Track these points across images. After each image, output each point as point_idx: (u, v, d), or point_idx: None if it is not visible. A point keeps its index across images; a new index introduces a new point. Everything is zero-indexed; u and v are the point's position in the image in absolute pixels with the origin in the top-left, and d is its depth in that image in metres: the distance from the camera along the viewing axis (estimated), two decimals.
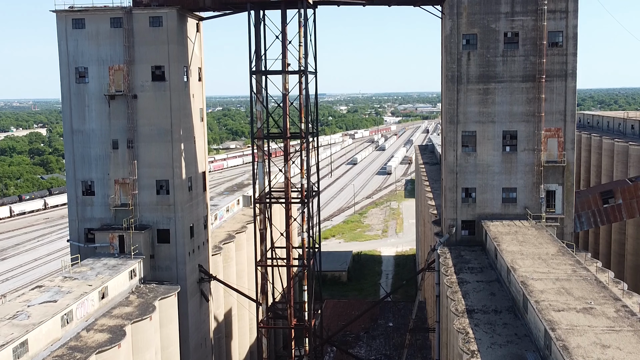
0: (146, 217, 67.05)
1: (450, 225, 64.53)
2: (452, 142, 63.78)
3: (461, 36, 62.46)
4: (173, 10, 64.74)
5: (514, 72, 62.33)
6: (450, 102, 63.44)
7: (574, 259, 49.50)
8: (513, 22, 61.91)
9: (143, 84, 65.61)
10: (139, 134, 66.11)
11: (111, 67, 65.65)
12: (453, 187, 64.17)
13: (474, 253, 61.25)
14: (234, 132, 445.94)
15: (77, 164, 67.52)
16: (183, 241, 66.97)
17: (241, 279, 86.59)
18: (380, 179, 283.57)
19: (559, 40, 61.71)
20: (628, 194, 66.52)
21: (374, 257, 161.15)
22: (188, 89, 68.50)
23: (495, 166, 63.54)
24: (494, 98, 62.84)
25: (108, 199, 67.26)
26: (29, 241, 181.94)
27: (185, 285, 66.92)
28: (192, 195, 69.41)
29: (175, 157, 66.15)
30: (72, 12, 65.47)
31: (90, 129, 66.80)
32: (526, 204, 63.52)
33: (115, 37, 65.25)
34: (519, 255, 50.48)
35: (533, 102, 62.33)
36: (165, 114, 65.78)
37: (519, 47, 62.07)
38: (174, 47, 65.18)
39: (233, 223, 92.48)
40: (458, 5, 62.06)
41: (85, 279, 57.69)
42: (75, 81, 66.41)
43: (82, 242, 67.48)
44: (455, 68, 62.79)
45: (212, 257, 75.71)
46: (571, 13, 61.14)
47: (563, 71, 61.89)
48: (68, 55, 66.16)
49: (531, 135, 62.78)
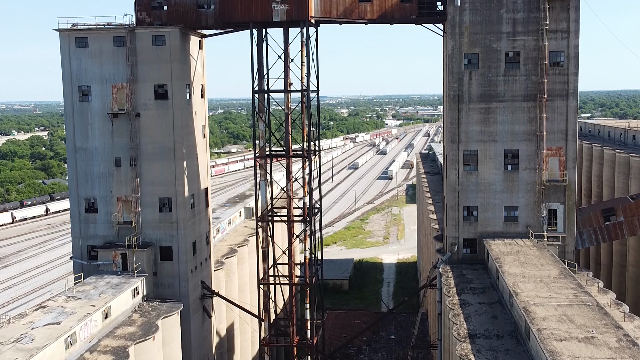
0: (149, 235, 67.32)
1: (452, 243, 64.75)
2: (454, 161, 64.01)
3: (463, 56, 62.71)
4: (176, 29, 65.04)
5: (516, 91, 62.58)
6: (452, 121, 63.69)
7: (575, 282, 49.68)
8: (514, 42, 62.16)
9: (146, 102, 65.91)
10: (142, 152, 66.39)
11: (114, 86, 65.95)
12: (455, 205, 64.40)
13: (475, 272, 61.44)
14: (235, 135, 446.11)
15: (80, 182, 67.82)
16: (185, 258, 67.23)
17: (243, 292, 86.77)
18: (381, 183, 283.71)
19: (560, 60, 61.96)
20: (629, 212, 66.72)
21: (376, 265, 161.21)
22: (190, 106, 68.78)
23: (497, 185, 63.77)
24: (495, 117, 63.09)
25: (111, 216, 67.54)
26: (31, 248, 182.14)
27: (188, 303, 67.16)
28: (194, 212, 69.67)
29: (178, 175, 66.43)
30: (75, 31, 65.79)
31: (93, 146, 67.11)
32: (528, 222, 63.73)
33: (118, 56, 65.56)
34: (520, 278, 50.68)
35: (534, 122, 62.56)
36: (167, 132, 66.07)
37: (521, 67, 62.32)
38: (177, 65, 65.47)
39: (235, 236, 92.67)
40: (460, 25, 62.31)
41: (88, 299, 57.93)
42: (79, 99, 66.73)
43: (85, 259, 67.78)
44: (457, 87, 63.03)
45: (215, 273, 75.95)
46: (572, 33, 61.40)
47: (564, 91, 62.13)
48: (71, 74, 66.48)
49: (533, 154, 63.00)
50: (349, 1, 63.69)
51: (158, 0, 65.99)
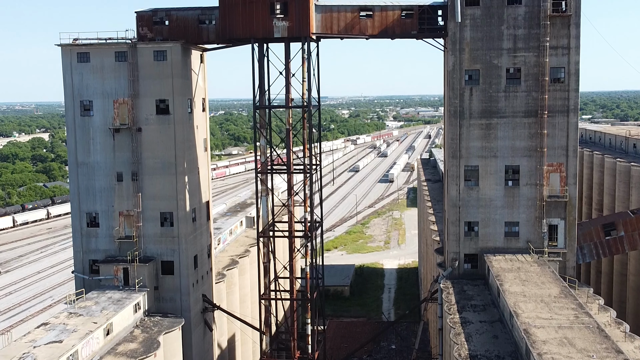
0: (150, 249, 67.49)
1: (453, 258, 64.88)
2: (455, 177, 64.14)
3: (463, 72, 62.85)
4: (177, 44, 65.20)
5: (516, 107, 62.71)
6: (452, 136, 63.81)
7: (576, 302, 49.79)
8: (515, 58, 62.29)
9: (147, 117, 66.09)
10: (143, 167, 66.56)
11: (116, 101, 66.13)
12: (456, 220, 64.53)
13: (476, 288, 61.56)
14: (236, 137, 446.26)
15: (81, 196, 68.00)
16: (187, 272, 67.41)
17: (244, 303, 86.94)
18: (382, 187, 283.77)
19: (561, 76, 62.09)
20: (630, 226, 66.81)
21: (377, 270, 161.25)
22: (192, 120, 68.94)
23: (498, 200, 63.90)
24: (496, 133, 63.22)
25: (112, 230, 67.73)
26: (32, 252, 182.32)
27: (189, 317, 67.34)
28: (195, 226, 69.84)
29: (179, 189, 66.60)
30: (77, 46, 65.95)
31: (95, 161, 67.29)
32: (528, 237, 63.85)
33: (120, 71, 65.73)
34: (521, 297, 50.79)
35: (535, 138, 62.69)
36: (169, 147, 66.24)
37: (521, 83, 62.44)
38: (178, 80, 65.63)
39: (236, 246, 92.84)
40: (460, 42, 62.44)
41: (90, 315, 58.07)
42: (80, 114, 66.91)
43: (87, 273, 67.97)
44: (458, 103, 63.16)
45: (216, 285, 76.12)
46: (573, 49, 61.51)
47: (565, 107, 62.26)
48: (73, 88, 66.67)
49: (533, 170, 63.11)
50: (350, 17, 63.84)
51: (159, 16, 66.15)
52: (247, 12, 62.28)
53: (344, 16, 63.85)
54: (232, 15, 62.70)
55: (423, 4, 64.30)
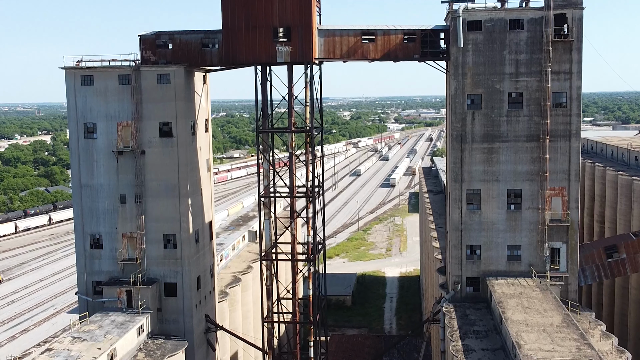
0: (153, 271, 67.76)
1: (455, 282, 65.14)
2: (457, 200, 64.37)
3: (466, 96, 63.08)
4: (180, 68, 65.43)
5: (518, 131, 62.93)
6: (455, 160, 64.03)
7: (578, 331, 50.02)
8: (517, 83, 62.50)
9: (151, 140, 66.34)
10: (147, 189, 66.82)
11: (119, 124, 66.37)
12: (458, 244, 64.77)
13: (479, 312, 61.78)
14: (238, 140, 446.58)
15: (85, 218, 68.27)
16: (190, 294, 67.67)
17: (247, 319, 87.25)
18: (384, 191, 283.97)
19: (562, 101, 62.30)
20: (632, 249, 67.02)
21: (378, 279, 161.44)
22: (195, 142, 69.20)
23: (500, 224, 64.13)
24: (498, 157, 63.44)
25: (116, 252, 68.00)
26: (34, 260, 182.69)
27: (192, 338, 67.59)
28: (198, 248, 70.09)
29: (183, 211, 66.84)
30: (80, 69, 66.21)
31: (98, 183, 67.55)
32: (530, 261, 64.09)
33: (124, 94, 65.96)
34: (523, 327, 51.02)
35: (537, 162, 62.90)
36: (172, 169, 66.49)
37: (523, 108, 62.67)
38: (182, 103, 65.87)
39: (239, 262, 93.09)
40: (463, 66, 62.66)
41: (94, 340, 58.35)
42: (84, 137, 67.19)
43: (90, 295, 68.23)
44: (460, 127, 63.39)
45: (219, 305, 76.40)
46: (575, 74, 61.73)
47: (567, 131, 62.47)
48: (77, 111, 66.94)
49: (535, 194, 63.33)
50: (352, 41, 64.05)
51: (163, 39, 66.36)
52: (250, 38, 62.51)
53: (347, 40, 64.05)
54: (235, 40, 62.93)
55: (425, 28, 64.48)
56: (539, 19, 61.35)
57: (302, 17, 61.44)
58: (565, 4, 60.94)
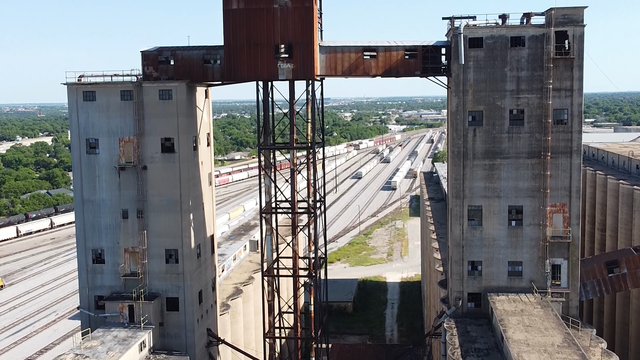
0: (155, 286, 67.94)
1: (456, 297, 65.27)
2: (459, 216, 64.50)
3: (467, 113, 63.18)
4: (182, 83, 65.58)
5: (520, 148, 63.05)
6: (456, 177, 64.16)
7: (579, 352, 50.14)
8: (518, 100, 62.61)
9: (153, 155, 66.50)
10: (149, 204, 66.99)
11: (121, 139, 66.54)
12: (459, 260, 64.90)
13: (480, 329, 61.91)
14: (239, 142, 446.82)
15: (87, 233, 68.48)
16: (192, 309, 67.86)
17: (248, 330, 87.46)
18: (385, 194, 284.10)
19: (564, 118, 62.42)
20: (633, 264, 67.13)
21: (379, 284, 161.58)
22: (197, 157, 69.36)
23: (501, 240, 64.27)
24: (499, 174, 63.56)
25: (118, 267, 68.21)
26: (36, 264, 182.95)
27: (194, 353, 67.79)
28: (200, 262, 70.26)
29: (185, 226, 67.02)
30: (83, 85, 66.38)
31: (100, 198, 67.74)
32: (532, 277, 64.23)
33: (126, 110, 66.12)
34: (524, 347, 51.15)
35: (538, 178, 63.02)
36: (174, 185, 66.66)
37: (525, 124, 62.78)
38: (184, 119, 66.03)
39: (240, 272, 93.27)
40: (464, 83, 62.77)
41: (96, 357, 58.53)
42: (86, 152, 67.36)
43: (92, 309, 68.44)
44: (462, 144, 63.51)
45: (220, 317, 76.58)
46: (576, 91, 61.82)
47: (568, 148, 62.58)
48: (79, 127, 67.13)
49: (537, 210, 63.45)
50: (354, 57, 64.18)
51: (165, 55, 66.53)
52: (251, 55, 62.64)
53: (348, 57, 64.19)
54: (237, 58, 63.06)
55: (426, 44, 64.61)
56: (540, 36, 61.45)
57: (304, 35, 61.57)
58: (566, 21, 61.05)
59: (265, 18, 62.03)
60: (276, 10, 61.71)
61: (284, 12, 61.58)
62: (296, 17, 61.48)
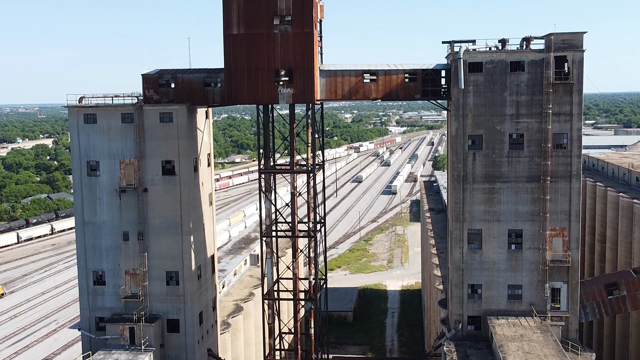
0: (156, 307, 68.15)
1: (456, 320, 65.46)
2: (458, 240, 64.68)
3: (467, 137, 63.32)
4: (183, 106, 65.75)
5: (519, 172, 63.20)
6: (456, 200, 64.32)
7: None
8: (518, 124, 62.76)
9: (153, 178, 66.68)
10: (150, 227, 67.17)
11: (122, 162, 66.71)
12: (459, 283, 65.08)
13: (480, 352, 62.08)
14: (240, 145, 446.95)
15: (88, 254, 68.70)
16: (193, 330, 68.08)
17: (249, 346, 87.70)
18: (385, 199, 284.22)
19: (563, 142, 62.56)
20: (632, 286, 67.36)
21: (380, 293, 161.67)
22: (197, 179, 69.54)
23: (501, 264, 64.44)
24: (499, 197, 63.73)
25: (119, 289, 68.41)
26: (36, 271, 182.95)
27: None
28: (201, 283, 70.47)
29: (185, 249, 67.23)
30: (84, 108, 66.56)
31: (101, 220, 67.93)
32: (531, 300, 64.40)
33: (127, 132, 66.30)
34: None
35: (538, 202, 63.18)
36: (175, 207, 66.84)
37: (524, 149, 62.93)
38: (184, 142, 66.20)
39: (240, 288, 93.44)
40: (464, 107, 62.91)
41: None
42: (87, 174, 67.55)
43: (93, 331, 68.66)
44: (461, 168, 63.68)
45: (221, 337, 76.78)
46: (575, 116, 61.97)
47: (567, 172, 62.73)
48: (80, 149, 67.32)
49: (536, 234, 63.61)
50: (354, 81, 64.34)
51: (165, 78, 66.72)
52: (252, 79, 62.85)
53: (348, 80, 64.35)
54: (237, 82, 63.28)
55: (426, 68, 64.78)
56: (539, 61, 61.59)
57: (305, 60, 61.77)
58: (565, 46, 61.20)
59: (266, 43, 62.23)
60: (276, 35, 61.91)
61: (285, 38, 61.79)
62: (297, 43, 61.67)
